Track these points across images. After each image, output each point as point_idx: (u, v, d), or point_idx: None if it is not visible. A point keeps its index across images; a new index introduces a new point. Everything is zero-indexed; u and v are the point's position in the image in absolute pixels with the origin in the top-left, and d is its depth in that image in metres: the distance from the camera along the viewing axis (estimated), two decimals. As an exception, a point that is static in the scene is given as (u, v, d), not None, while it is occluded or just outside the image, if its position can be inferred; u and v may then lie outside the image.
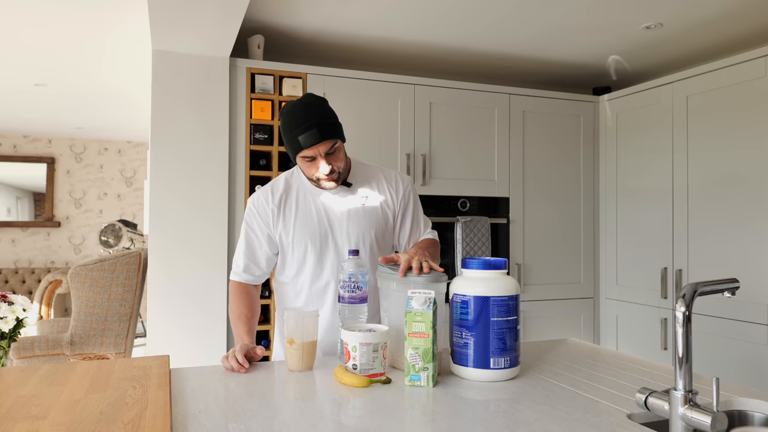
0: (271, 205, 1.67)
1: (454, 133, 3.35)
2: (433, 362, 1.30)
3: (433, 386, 1.30)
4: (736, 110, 2.84)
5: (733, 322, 2.82)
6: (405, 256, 1.44)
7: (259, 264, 1.71)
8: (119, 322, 3.66)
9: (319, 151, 1.54)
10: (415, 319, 1.30)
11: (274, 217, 1.67)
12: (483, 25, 2.95)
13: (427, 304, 1.30)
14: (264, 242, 1.69)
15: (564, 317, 3.59)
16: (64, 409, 1.10)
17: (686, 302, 0.98)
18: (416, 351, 1.30)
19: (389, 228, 1.73)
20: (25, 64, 3.77)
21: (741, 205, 2.81)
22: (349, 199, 1.69)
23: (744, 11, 2.76)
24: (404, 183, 1.75)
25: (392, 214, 1.73)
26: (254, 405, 1.18)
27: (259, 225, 1.69)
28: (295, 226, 1.65)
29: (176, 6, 2.30)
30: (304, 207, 1.67)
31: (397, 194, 1.73)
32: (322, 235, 1.65)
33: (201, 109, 2.83)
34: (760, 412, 1.22)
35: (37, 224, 6.38)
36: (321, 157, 1.55)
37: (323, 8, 2.74)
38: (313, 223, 1.65)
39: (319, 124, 1.52)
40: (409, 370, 1.31)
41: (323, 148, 1.54)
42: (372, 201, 1.70)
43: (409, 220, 1.75)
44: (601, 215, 3.69)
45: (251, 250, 1.70)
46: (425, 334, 1.29)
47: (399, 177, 1.76)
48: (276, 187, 1.70)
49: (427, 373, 1.29)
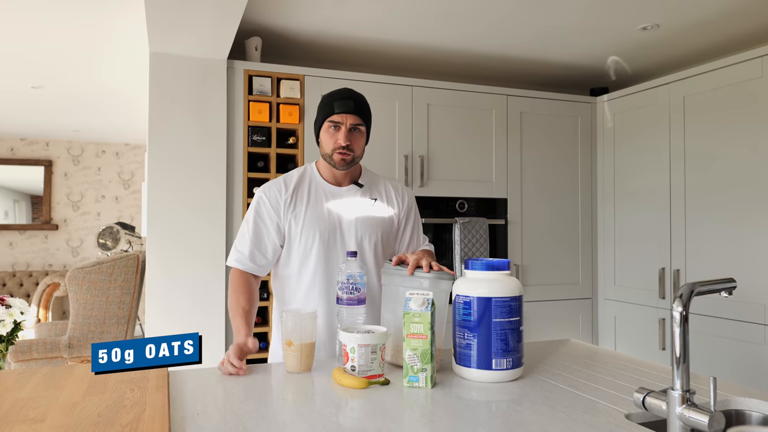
0: (285, 195, 1.70)
1: (452, 135, 3.36)
2: (432, 363, 1.30)
3: (431, 387, 1.30)
4: (733, 110, 2.85)
5: (731, 322, 2.82)
6: (413, 256, 1.50)
7: (265, 253, 1.71)
8: (117, 325, 3.65)
9: (346, 121, 1.64)
10: (414, 320, 1.30)
11: (286, 206, 1.70)
12: (480, 26, 2.95)
13: (425, 306, 1.30)
14: (273, 231, 1.70)
15: (562, 318, 3.59)
16: (62, 412, 1.10)
17: (683, 302, 0.98)
18: (414, 352, 1.30)
19: (393, 233, 1.79)
20: (22, 66, 3.76)
21: (738, 205, 2.82)
22: (360, 201, 1.74)
23: (740, 12, 2.77)
24: (409, 195, 1.85)
25: (397, 221, 1.80)
26: (252, 407, 1.17)
27: (269, 213, 1.70)
28: (305, 217, 1.69)
29: (173, 8, 2.30)
30: (316, 200, 1.71)
31: (403, 204, 1.81)
32: (331, 228, 1.69)
33: (199, 111, 2.83)
34: (757, 412, 1.22)
35: (34, 227, 6.37)
36: (345, 127, 1.64)
37: (321, 10, 2.75)
38: (323, 216, 1.69)
39: (357, 100, 1.66)
40: (408, 371, 1.31)
41: (351, 120, 1.64)
42: (380, 207, 1.76)
43: (410, 230, 1.82)
44: (599, 216, 3.70)
45: (258, 237, 1.70)
46: (423, 335, 1.29)
47: (404, 188, 1.85)
48: (289, 179, 1.74)
49: (426, 375, 1.29)
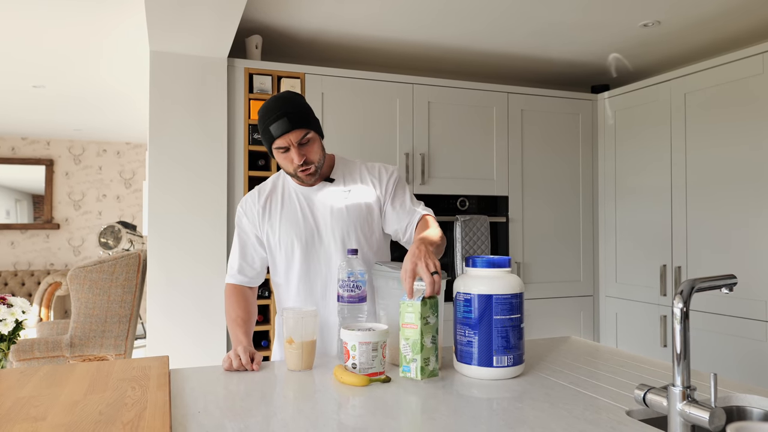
0: (257, 206, 1.70)
1: (453, 132, 3.35)
2: (422, 354, 1.29)
3: (422, 379, 1.29)
4: (735, 107, 2.84)
5: (733, 318, 2.82)
6: (409, 261, 1.33)
7: (252, 264, 1.73)
8: (119, 324, 3.66)
9: (290, 141, 1.55)
10: (407, 310, 1.31)
11: (260, 217, 1.69)
12: (481, 23, 2.95)
13: (417, 296, 1.30)
14: (256, 243, 1.72)
15: (563, 315, 3.59)
16: (64, 410, 1.10)
17: (684, 299, 0.98)
18: (407, 342, 1.30)
19: (376, 220, 1.70)
20: (23, 65, 3.77)
21: (740, 201, 2.81)
22: (332, 194, 1.69)
23: (741, 9, 2.76)
24: (387, 171, 1.73)
25: (378, 204, 1.70)
26: (253, 405, 1.18)
27: (248, 226, 1.72)
28: (280, 225, 1.67)
29: (173, 7, 2.30)
30: (289, 205, 1.69)
31: (381, 183, 1.71)
32: (308, 232, 1.66)
33: (199, 110, 2.83)
34: (758, 408, 1.22)
35: (36, 226, 6.38)
36: (294, 147, 1.55)
37: (321, 8, 2.74)
38: (298, 221, 1.66)
39: (289, 113, 1.54)
40: (402, 360, 1.31)
41: (294, 137, 1.54)
42: (355, 195, 1.69)
43: (398, 205, 1.69)
44: (600, 213, 3.69)
45: (244, 251, 1.72)
46: (414, 325, 1.30)
47: (382, 167, 1.74)
48: (263, 188, 1.72)
49: (416, 365, 1.29)
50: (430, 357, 1.31)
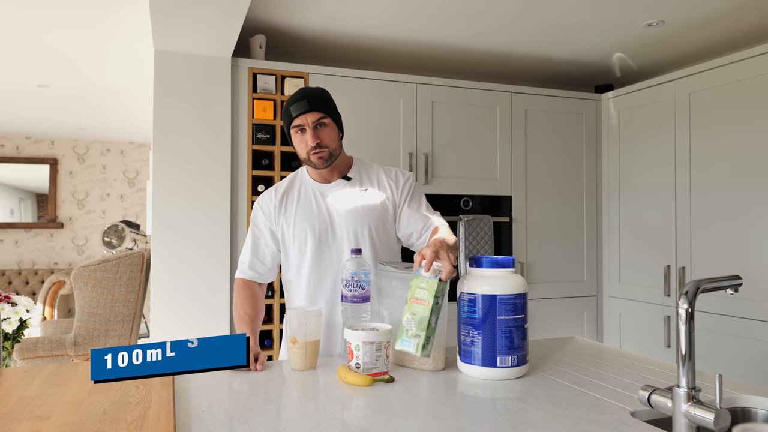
0: (274, 200, 1.74)
1: (457, 132, 3.35)
2: (427, 332, 1.28)
3: (421, 355, 1.28)
4: (740, 107, 2.83)
5: (738, 319, 2.81)
6: (432, 245, 1.35)
7: (263, 260, 1.75)
8: (123, 323, 3.66)
9: (307, 121, 1.61)
10: (420, 286, 1.30)
11: (276, 211, 1.73)
12: (484, 23, 2.94)
13: (435, 274, 1.29)
14: (269, 238, 1.75)
15: (567, 315, 3.58)
16: (68, 409, 1.10)
17: (689, 299, 0.98)
18: (413, 316, 1.29)
19: (390, 222, 1.72)
20: (27, 65, 3.77)
21: (745, 201, 2.80)
22: (349, 192, 1.72)
23: (746, 8, 2.75)
24: (404, 176, 1.76)
25: (393, 207, 1.73)
26: (258, 404, 1.18)
27: (263, 221, 1.75)
28: (296, 217, 1.70)
29: (177, 6, 2.30)
30: (305, 200, 1.72)
31: (397, 187, 1.74)
32: (322, 226, 1.68)
33: (203, 109, 2.83)
34: (763, 409, 1.21)
35: (40, 225, 6.39)
36: (309, 127, 1.61)
37: (325, 7, 2.74)
38: (314, 215, 1.69)
39: (309, 97, 1.62)
40: (402, 334, 1.30)
41: (311, 118, 1.61)
42: (371, 195, 1.72)
43: (413, 211, 1.71)
44: (604, 213, 3.68)
45: (256, 246, 1.76)
46: (426, 301, 1.29)
47: (399, 171, 1.78)
48: (280, 185, 1.77)
49: (419, 341, 1.28)
50: (431, 337, 1.30)
